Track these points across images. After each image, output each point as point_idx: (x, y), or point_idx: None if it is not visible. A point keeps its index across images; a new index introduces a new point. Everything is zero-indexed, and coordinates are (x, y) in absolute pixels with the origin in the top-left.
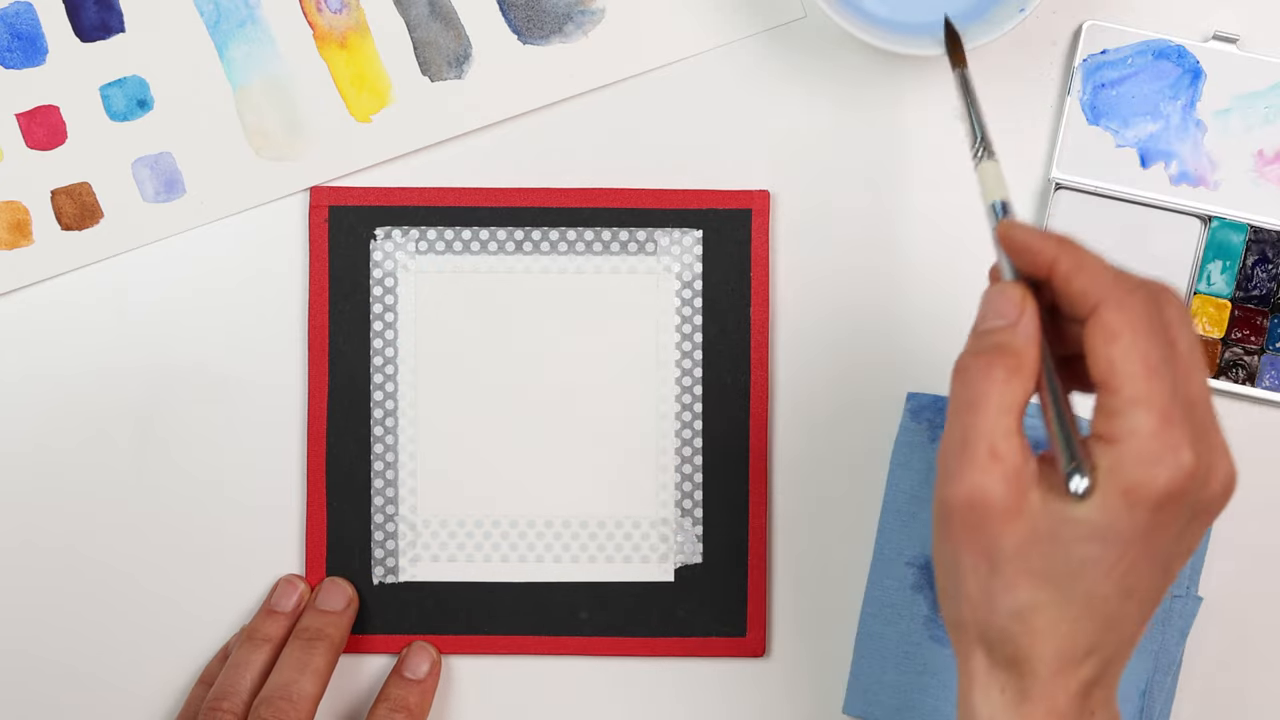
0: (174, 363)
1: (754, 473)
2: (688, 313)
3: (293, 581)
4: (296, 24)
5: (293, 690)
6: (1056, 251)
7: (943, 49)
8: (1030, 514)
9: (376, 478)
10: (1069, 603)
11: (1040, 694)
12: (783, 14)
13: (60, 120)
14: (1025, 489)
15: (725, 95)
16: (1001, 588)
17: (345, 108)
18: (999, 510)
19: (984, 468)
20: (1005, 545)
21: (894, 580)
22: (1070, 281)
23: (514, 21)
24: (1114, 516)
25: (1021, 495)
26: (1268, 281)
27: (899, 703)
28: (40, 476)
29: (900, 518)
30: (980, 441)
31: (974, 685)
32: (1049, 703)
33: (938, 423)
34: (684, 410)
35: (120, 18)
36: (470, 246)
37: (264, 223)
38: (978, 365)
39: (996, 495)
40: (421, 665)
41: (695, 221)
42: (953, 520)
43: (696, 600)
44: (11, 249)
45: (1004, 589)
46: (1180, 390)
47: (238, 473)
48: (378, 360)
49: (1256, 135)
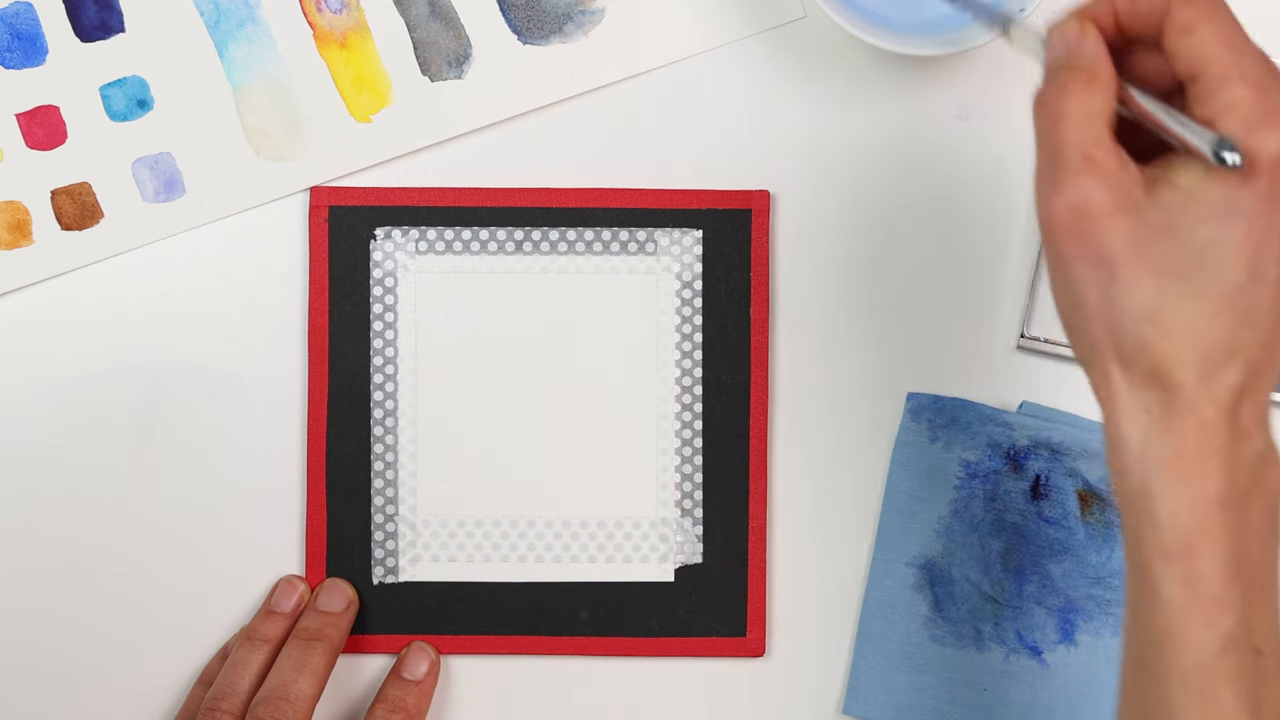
0: (174, 363)
1: (754, 473)
2: (688, 313)
3: (292, 582)
4: (296, 24)
5: (290, 690)
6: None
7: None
8: (1139, 209)
9: (376, 478)
10: (1199, 295)
11: (1187, 406)
12: (783, 14)
13: (60, 120)
14: (1129, 188)
15: (725, 95)
16: (1125, 290)
17: (345, 108)
18: (1104, 209)
19: (1080, 171)
20: (1118, 244)
21: (894, 580)
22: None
23: (514, 21)
24: (1230, 190)
25: (1126, 193)
26: None
27: (899, 703)
28: (40, 476)
29: (900, 518)
30: (1070, 150)
31: (1120, 413)
32: (1197, 416)
33: (938, 423)
34: (684, 410)
35: (120, 18)
36: (470, 246)
37: (264, 223)
38: (1051, 91)
39: (1099, 196)
40: (420, 666)
41: (695, 221)
42: (1058, 234)
43: (696, 600)
44: (11, 249)
45: (1127, 290)
46: (1267, 62)
47: (237, 473)
48: (378, 360)
49: None
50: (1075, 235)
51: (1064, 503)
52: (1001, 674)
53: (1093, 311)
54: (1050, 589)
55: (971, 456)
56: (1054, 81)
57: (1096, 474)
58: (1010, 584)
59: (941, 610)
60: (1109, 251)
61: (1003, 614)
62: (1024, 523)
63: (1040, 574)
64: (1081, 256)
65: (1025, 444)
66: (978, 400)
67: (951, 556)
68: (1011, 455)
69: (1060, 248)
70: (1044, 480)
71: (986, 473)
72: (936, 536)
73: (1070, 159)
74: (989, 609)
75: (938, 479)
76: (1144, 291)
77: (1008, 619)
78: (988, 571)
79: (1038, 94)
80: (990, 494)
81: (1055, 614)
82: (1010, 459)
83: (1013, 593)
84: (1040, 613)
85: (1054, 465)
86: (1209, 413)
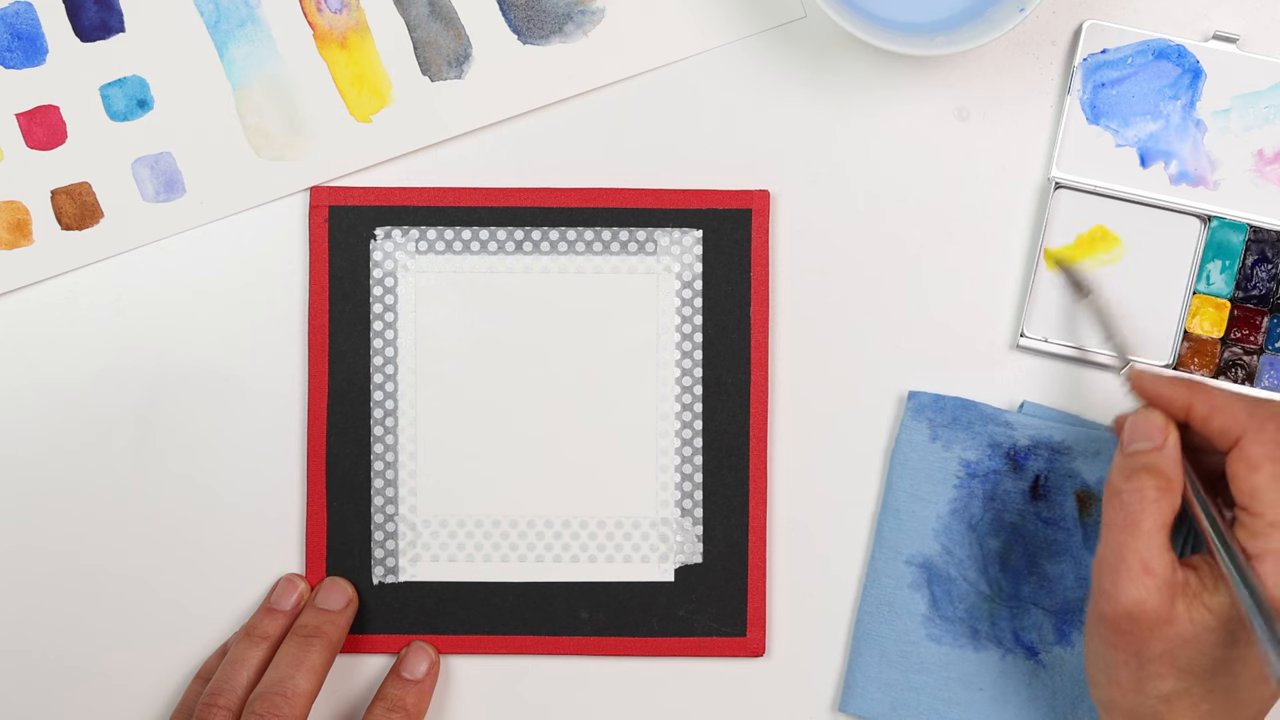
0: (174, 363)
1: (754, 473)
2: (688, 313)
3: (293, 581)
4: (296, 24)
5: (287, 686)
6: (1189, 398)
7: (944, 49)
8: (1178, 621)
9: (376, 478)
10: (1209, 691)
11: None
12: (783, 14)
13: (60, 120)
14: (1175, 598)
15: (725, 95)
16: (1151, 678)
17: (345, 108)
18: (1151, 619)
19: (1139, 582)
20: (1156, 647)
21: (892, 579)
22: (1209, 422)
23: (514, 21)
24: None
25: (1171, 604)
26: (1267, 281)
27: (895, 701)
28: (40, 476)
29: (899, 517)
30: (1135, 558)
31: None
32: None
33: (939, 422)
34: (684, 410)
35: (120, 18)
36: (470, 246)
37: (264, 223)
38: (1130, 488)
39: (1150, 606)
40: (419, 665)
41: (695, 221)
42: (1110, 627)
43: (696, 600)
44: (11, 249)
45: (1153, 679)
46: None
47: (237, 473)
48: (378, 360)
49: (1256, 135)
50: (1124, 634)
51: (1063, 504)
52: (998, 673)
53: (1122, 684)
54: (1047, 589)
55: (971, 456)
56: (1132, 478)
57: (1095, 475)
58: (1008, 584)
59: (939, 609)
60: (1147, 654)
61: (1000, 614)
62: (1022, 523)
63: (1038, 574)
64: (1125, 649)
65: (1026, 444)
66: (977, 400)
67: (950, 556)
68: (1011, 455)
69: (1107, 638)
70: (1043, 481)
71: (986, 472)
72: (935, 535)
73: (1132, 564)
74: (986, 608)
75: (937, 478)
76: (1166, 682)
77: (1005, 619)
78: (985, 571)
79: (1114, 480)
80: (989, 494)
81: (1052, 614)
82: (1010, 459)
83: (1010, 593)
84: (1037, 613)
85: (1054, 465)
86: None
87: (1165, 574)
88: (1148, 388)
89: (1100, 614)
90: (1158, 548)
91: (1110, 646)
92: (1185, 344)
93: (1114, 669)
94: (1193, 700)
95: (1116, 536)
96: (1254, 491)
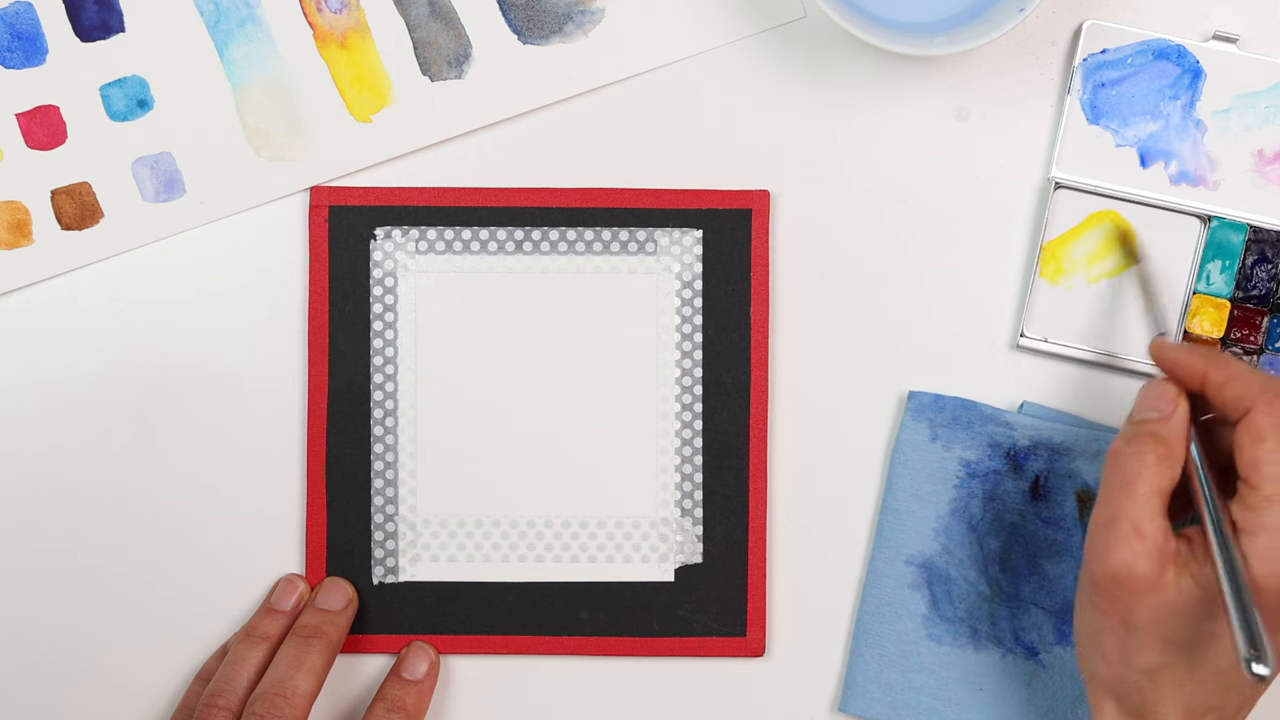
0: (174, 363)
1: (754, 473)
2: (688, 313)
3: (293, 581)
4: (296, 24)
5: (287, 687)
6: (1206, 365)
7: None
8: (1166, 588)
9: (376, 478)
10: (1194, 667)
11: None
12: (783, 14)
13: (60, 120)
14: (1165, 565)
15: (725, 95)
16: (1136, 648)
17: (345, 108)
18: (1140, 583)
19: (1129, 544)
20: (1142, 614)
21: (892, 578)
22: (1223, 390)
23: (514, 21)
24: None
25: (1160, 571)
26: (1267, 281)
27: (895, 701)
28: (40, 476)
29: (899, 517)
30: (1127, 520)
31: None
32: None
33: (939, 422)
34: (684, 410)
35: (120, 18)
36: (470, 246)
37: (264, 223)
38: (1130, 451)
39: (1138, 569)
40: (419, 666)
41: (695, 221)
42: (1098, 589)
43: (696, 600)
44: (11, 249)
45: (1138, 650)
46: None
47: (237, 473)
48: (378, 360)
49: (1256, 135)
50: (1111, 596)
51: (1062, 503)
52: (998, 673)
53: (1107, 653)
54: (1047, 589)
55: (971, 456)
56: (1133, 442)
57: (1095, 475)
58: (1008, 584)
59: (939, 609)
60: (1134, 620)
61: (1000, 613)
62: (1022, 523)
63: (1038, 574)
64: (1111, 614)
65: (1026, 444)
66: (977, 400)
67: (950, 556)
68: (1011, 455)
69: (1096, 602)
70: (1043, 481)
71: (986, 472)
72: (935, 535)
73: (1124, 526)
74: (986, 608)
75: (937, 478)
76: (1151, 654)
77: (1005, 619)
78: (986, 571)
79: (1116, 443)
80: (989, 494)
81: (1052, 614)
82: (1010, 459)
83: (1010, 593)
84: (1037, 613)
85: (1054, 466)
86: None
87: (1156, 539)
88: (1167, 356)
89: (1090, 576)
90: (1150, 512)
91: (1098, 611)
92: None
93: (1100, 635)
94: (1176, 677)
95: (1112, 498)
96: (1256, 463)
